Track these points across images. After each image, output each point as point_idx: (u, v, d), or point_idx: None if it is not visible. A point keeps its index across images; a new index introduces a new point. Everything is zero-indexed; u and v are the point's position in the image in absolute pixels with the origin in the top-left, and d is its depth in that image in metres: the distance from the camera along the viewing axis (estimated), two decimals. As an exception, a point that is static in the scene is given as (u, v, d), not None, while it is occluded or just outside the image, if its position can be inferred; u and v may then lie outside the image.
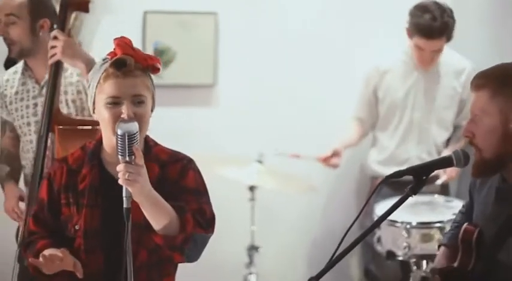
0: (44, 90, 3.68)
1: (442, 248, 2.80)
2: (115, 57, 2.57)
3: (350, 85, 4.94)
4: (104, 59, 2.61)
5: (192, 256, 2.66)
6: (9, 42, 3.69)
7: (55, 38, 3.55)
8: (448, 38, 4.50)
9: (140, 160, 2.48)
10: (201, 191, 2.69)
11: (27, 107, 3.73)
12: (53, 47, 3.55)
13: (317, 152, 4.70)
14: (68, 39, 3.55)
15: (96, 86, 2.59)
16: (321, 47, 5.08)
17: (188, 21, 4.87)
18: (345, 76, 5.06)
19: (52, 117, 3.57)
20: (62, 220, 2.70)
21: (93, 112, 2.65)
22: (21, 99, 3.75)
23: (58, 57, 3.54)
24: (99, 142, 2.70)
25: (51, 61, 3.57)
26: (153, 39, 4.80)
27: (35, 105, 3.72)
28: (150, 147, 2.69)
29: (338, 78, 5.09)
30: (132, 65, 2.56)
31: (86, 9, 3.71)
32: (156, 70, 2.63)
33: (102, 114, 2.59)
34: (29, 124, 3.72)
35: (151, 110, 2.65)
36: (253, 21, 4.98)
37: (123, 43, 2.58)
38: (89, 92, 2.65)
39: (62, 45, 3.51)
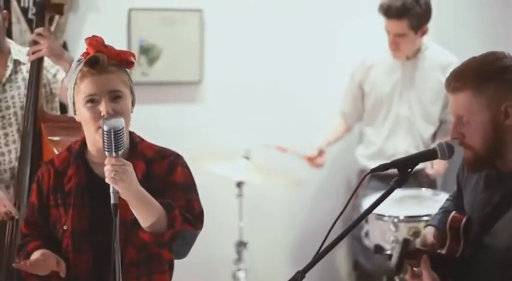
0: (7, 87, 3.69)
1: (431, 228, 2.80)
2: (88, 56, 2.59)
3: (336, 80, 4.95)
4: (78, 60, 2.63)
5: (181, 253, 2.68)
6: None
7: (39, 34, 3.57)
8: (412, 25, 4.51)
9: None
10: (189, 186, 2.70)
11: None
12: (36, 43, 3.57)
13: (304, 147, 4.71)
14: (53, 38, 3.60)
15: (74, 87, 2.61)
16: (306, 43, 5.09)
17: (173, 18, 4.87)
18: (331, 71, 5.07)
19: (37, 113, 3.59)
20: (51, 222, 2.71)
21: (74, 113, 2.66)
22: None
23: (44, 53, 3.57)
24: (84, 142, 2.72)
25: (34, 57, 3.59)
26: (138, 36, 4.79)
27: None
28: (136, 143, 2.70)
29: (324, 74, 5.10)
30: (105, 61, 2.57)
31: (61, 12, 3.78)
32: (130, 64, 2.65)
33: (82, 115, 2.61)
34: None
35: (132, 105, 2.67)
36: (239, 17, 4.98)
37: (94, 42, 2.60)
38: (68, 94, 2.66)
39: (49, 44, 3.55)
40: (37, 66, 3.61)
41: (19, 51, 3.79)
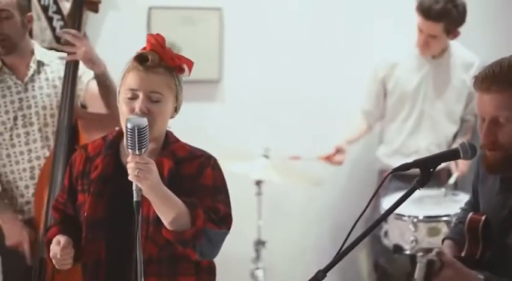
0: (29, 86, 3.71)
1: (448, 241, 2.79)
2: (139, 52, 2.62)
3: (355, 81, 4.95)
4: (137, 52, 2.66)
5: (205, 253, 2.65)
6: (3, 38, 3.65)
7: (74, 36, 3.59)
8: (448, 28, 4.53)
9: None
10: (218, 189, 2.69)
11: (12, 102, 3.71)
12: (71, 45, 3.59)
13: (322, 146, 4.72)
14: (89, 43, 3.62)
15: (122, 77, 2.65)
16: (325, 42, 5.08)
17: (193, 17, 4.87)
18: (350, 72, 5.06)
19: (73, 109, 3.62)
20: (76, 206, 2.75)
21: (118, 102, 2.69)
22: (4, 96, 3.71)
23: (78, 58, 3.59)
24: (120, 132, 2.73)
25: (69, 58, 3.63)
26: (158, 35, 4.80)
27: (21, 100, 3.71)
28: (169, 143, 2.71)
29: (343, 74, 5.09)
30: (155, 61, 2.60)
31: (96, 10, 3.79)
32: (181, 71, 2.68)
33: (121, 106, 2.65)
34: (15, 118, 3.72)
35: (176, 111, 2.70)
36: (258, 16, 4.98)
37: (153, 40, 2.63)
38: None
39: (85, 49, 3.57)
40: (73, 69, 3.63)
41: (43, 53, 3.81)
